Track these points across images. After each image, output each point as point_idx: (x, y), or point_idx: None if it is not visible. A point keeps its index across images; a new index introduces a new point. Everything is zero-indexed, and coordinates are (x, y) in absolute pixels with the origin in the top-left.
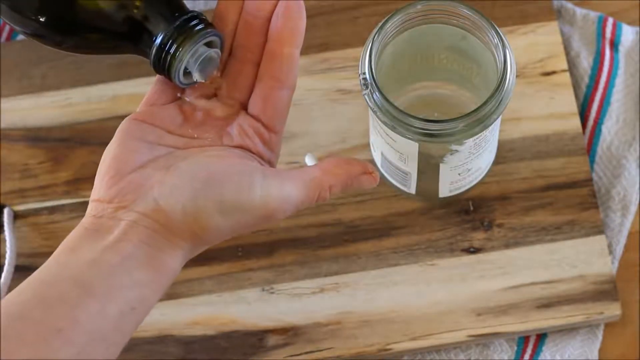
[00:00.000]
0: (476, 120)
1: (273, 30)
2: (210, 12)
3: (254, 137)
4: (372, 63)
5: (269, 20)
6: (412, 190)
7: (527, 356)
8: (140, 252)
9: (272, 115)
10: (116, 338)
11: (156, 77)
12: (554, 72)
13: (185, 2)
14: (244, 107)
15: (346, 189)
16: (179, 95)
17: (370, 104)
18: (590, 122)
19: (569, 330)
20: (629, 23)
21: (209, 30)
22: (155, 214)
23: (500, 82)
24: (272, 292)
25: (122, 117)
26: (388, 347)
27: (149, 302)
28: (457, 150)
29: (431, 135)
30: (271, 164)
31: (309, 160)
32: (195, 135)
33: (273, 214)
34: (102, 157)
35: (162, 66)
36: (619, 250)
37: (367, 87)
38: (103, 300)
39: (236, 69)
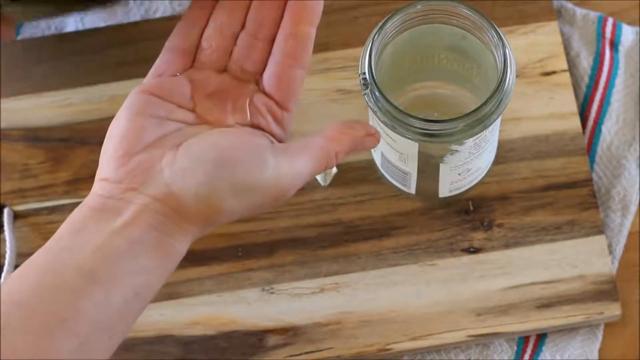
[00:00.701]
0: (476, 120)
1: (290, 6)
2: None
3: (266, 114)
4: (372, 63)
5: None
6: (412, 190)
7: (527, 356)
8: (148, 237)
9: (286, 93)
10: (119, 326)
11: (165, 46)
12: (554, 72)
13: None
14: (257, 83)
15: (351, 152)
16: (178, 75)
17: (370, 104)
18: (590, 122)
19: (569, 330)
20: (629, 23)
21: None
22: (167, 198)
23: (500, 82)
24: (272, 292)
25: None
26: (388, 347)
27: (154, 288)
28: (457, 150)
29: (431, 135)
30: (281, 142)
31: None
32: (205, 111)
33: (284, 192)
34: (109, 133)
35: None
36: (619, 250)
37: (367, 87)
38: (108, 288)
39: (249, 43)
